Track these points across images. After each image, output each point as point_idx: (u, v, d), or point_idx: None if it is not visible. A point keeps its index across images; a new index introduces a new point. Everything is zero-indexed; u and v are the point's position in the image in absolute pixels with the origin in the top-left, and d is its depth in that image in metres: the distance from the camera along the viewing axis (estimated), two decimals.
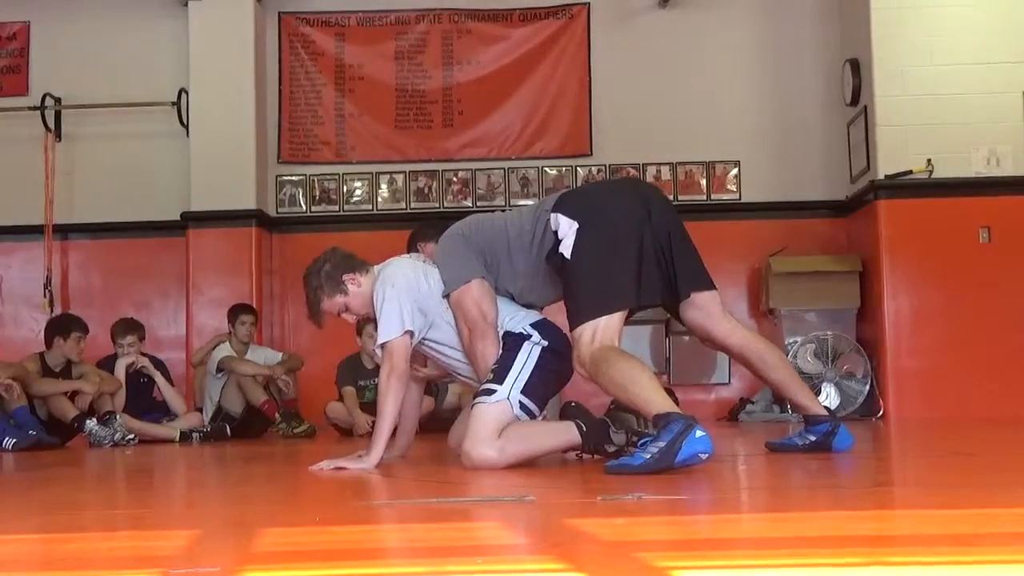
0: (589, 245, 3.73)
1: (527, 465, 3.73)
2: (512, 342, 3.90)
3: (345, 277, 4.11)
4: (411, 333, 3.96)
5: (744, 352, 4.08)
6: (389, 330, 3.92)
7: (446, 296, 4.01)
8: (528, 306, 4.08)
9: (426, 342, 4.10)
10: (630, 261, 3.71)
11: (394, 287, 3.98)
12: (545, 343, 3.89)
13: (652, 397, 3.46)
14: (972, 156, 7.49)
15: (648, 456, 3.27)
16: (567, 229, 3.78)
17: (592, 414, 3.90)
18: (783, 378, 4.10)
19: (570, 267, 3.76)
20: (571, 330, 3.74)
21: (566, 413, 3.89)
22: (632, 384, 3.51)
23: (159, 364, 7.21)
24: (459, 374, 4.22)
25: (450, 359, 4.13)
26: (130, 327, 7.06)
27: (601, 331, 3.65)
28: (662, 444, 3.27)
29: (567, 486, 3.45)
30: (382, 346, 3.96)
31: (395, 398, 3.93)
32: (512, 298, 4.07)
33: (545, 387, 3.90)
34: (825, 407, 4.26)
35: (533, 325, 3.94)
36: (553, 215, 3.85)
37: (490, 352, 3.90)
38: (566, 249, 3.76)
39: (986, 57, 7.54)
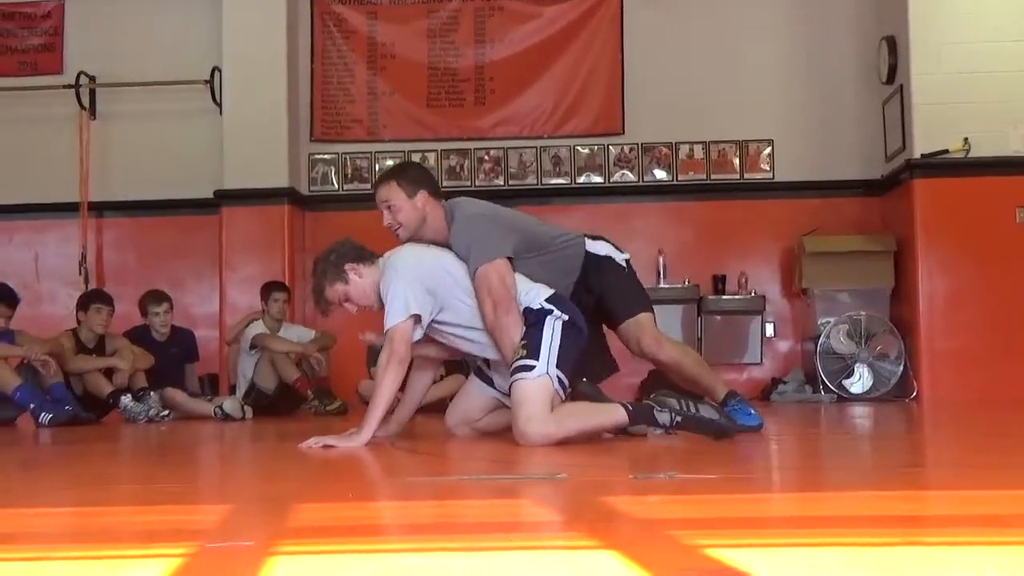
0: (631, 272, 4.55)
1: (559, 443, 3.73)
2: (534, 317, 3.93)
3: (347, 266, 4.12)
4: (418, 317, 3.97)
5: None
6: (394, 315, 3.94)
7: (473, 272, 4.02)
8: None
9: (437, 324, 4.10)
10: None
11: (398, 271, 4.00)
12: (565, 317, 3.92)
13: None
14: (1010, 134, 7.38)
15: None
16: (619, 254, 4.48)
17: (601, 390, 3.98)
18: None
19: (628, 275, 4.48)
20: (632, 316, 4.36)
21: (580, 390, 3.94)
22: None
23: (189, 336, 7.31)
24: (470, 353, 4.25)
25: (462, 339, 4.14)
26: (162, 296, 7.17)
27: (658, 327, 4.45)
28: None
29: (599, 464, 3.45)
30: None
31: (393, 382, 3.95)
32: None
33: (572, 360, 3.93)
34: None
35: (549, 300, 3.97)
36: (595, 241, 4.48)
37: (514, 327, 3.92)
38: (624, 261, 4.47)
39: None
